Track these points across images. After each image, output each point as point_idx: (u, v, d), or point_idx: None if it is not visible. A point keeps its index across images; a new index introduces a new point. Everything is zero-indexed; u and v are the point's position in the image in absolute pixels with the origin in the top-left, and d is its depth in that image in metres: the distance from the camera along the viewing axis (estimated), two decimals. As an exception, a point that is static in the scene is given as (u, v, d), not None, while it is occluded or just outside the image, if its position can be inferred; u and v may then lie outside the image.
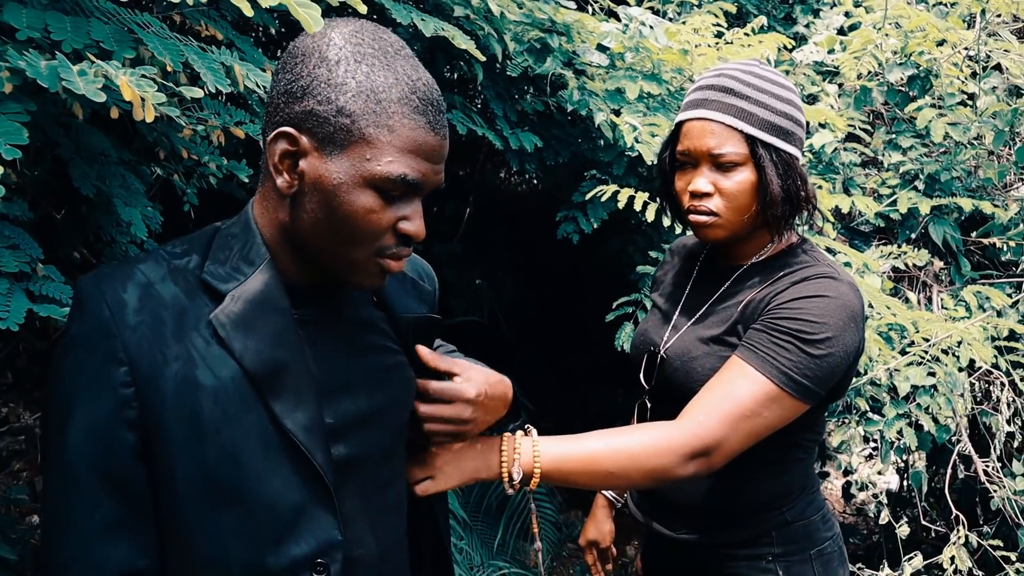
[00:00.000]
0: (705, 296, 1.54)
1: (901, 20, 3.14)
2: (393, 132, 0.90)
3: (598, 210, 2.81)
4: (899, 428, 2.61)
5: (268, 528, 0.95)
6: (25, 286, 1.26)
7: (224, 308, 0.94)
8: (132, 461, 0.92)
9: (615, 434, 1.32)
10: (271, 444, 0.95)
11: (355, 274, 0.98)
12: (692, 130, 1.43)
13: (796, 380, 1.33)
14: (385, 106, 0.90)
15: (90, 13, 1.24)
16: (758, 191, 1.41)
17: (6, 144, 1.06)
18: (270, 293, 0.96)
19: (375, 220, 0.93)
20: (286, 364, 0.96)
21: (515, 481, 1.23)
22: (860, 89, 3.19)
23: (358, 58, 0.90)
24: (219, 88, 1.20)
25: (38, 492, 2.97)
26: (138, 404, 0.91)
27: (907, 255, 2.91)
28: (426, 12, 2.33)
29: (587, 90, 2.66)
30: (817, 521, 1.53)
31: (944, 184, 3.06)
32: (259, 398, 0.94)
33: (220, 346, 0.93)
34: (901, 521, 3.02)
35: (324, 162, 0.91)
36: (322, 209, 0.92)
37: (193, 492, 0.93)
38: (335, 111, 0.89)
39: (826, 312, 1.34)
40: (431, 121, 0.93)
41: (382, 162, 0.90)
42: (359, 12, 1.45)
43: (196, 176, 2.02)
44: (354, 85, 0.89)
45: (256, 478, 0.94)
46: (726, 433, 1.30)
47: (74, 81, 1.08)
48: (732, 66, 1.45)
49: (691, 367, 1.46)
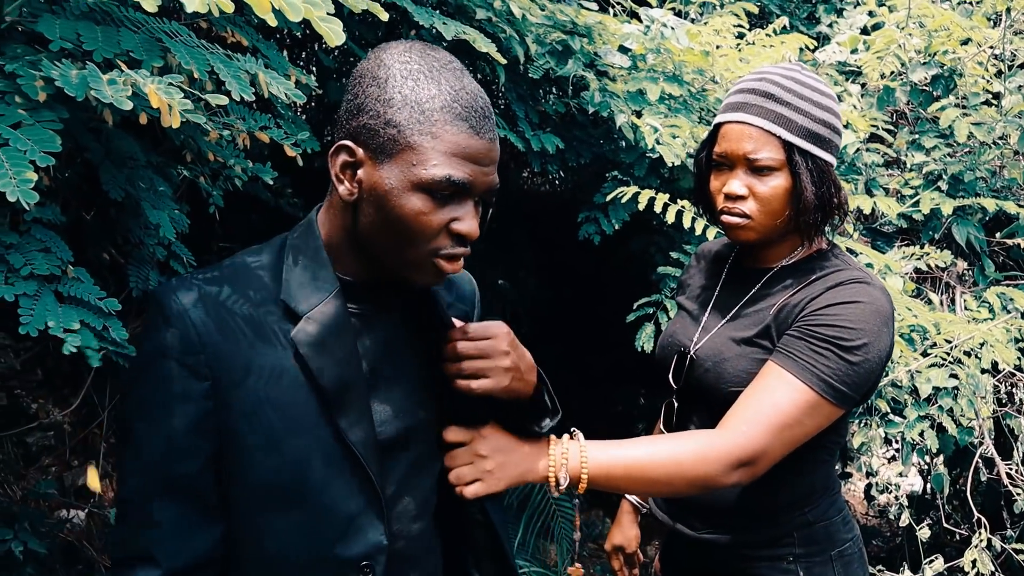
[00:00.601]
0: (735, 298, 1.55)
1: (925, 19, 3.12)
2: (437, 138, 0.98)
3: (619, 211, 2.82)
4: (921, 430, 2.60)
5: (325, 531, 1.04)
6: (54, 288, 1.29)
7: (303, 329, 1.03)
8: (207, 467, 1.02)
9: (660, 441, 1.34)
10: (334, 455, 1.04)
11: (413, 272, 1.05)
12: (730, 133, 1.44)
13: (835, 387, 1.34)
14: (429, 115, 0.98)
15: (120, 23, 1.27)
16: (792, 197, 1.42)
17: (40, 151, 1.09)
18: (340, 319, 1.05)
19: (426, 221, 1.00)
20: (353, 383, 1.05)
21: (562, 486, 1.24)
22: (883, 89, 3.17)
23: (404, 75, 0.99)
24: (243, 96, 1.23)
25: (67, 487, 3.04)
26: (216, 416, 1.01)
27: (930, 256, 2.90)
28: (448, 15, 2.35)
29: (608, 91, 2.67)
30: (838, 522, 1.54)
31: (968, 184, 3.03)
32: (327, 413, 1.03)
33: (298, 364, 1.02)
34: (923, 524, 3.00)
35: (377, 170, 0.99)
36: (379, 213, 1.01)
37: (260, 495, 1.03)
38: (384, 123, 0.98)
39: (862, 318, 1.35)
40: (474, 126, 0.99)
41: (428, 166, 0.98)
42: (380, 17, 1.47)
43: (222, 178, 2.06)
44: (400, 98, 0.98)
45: (318, 485, 1.03)
46: (769, 441, 1.32)
47: (102, 90, 1.11)
48: (774, 70, 1.46)
49: (722, 368, 1.47)
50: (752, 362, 1.44)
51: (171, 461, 1.00)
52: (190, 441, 1.01)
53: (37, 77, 1.15)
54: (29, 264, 1.22)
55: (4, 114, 1.12)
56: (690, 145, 2.62)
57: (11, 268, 1.21)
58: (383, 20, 1.49)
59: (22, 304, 1.21)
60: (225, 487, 1.03)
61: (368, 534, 1.06)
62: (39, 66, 1.15)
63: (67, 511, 2.92)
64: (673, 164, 2.55)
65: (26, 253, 1.24)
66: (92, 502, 3.02)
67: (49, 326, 1.22)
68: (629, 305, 2.83)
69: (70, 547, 2.82)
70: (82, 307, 1.29)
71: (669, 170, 2.79)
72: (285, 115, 1.90)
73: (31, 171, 1.06)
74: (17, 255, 1.22)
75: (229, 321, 1.02)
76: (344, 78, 3.22)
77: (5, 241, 1.23)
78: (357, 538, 1.06)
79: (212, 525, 1.04)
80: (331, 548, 1.05)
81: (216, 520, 1.04)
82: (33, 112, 1.15)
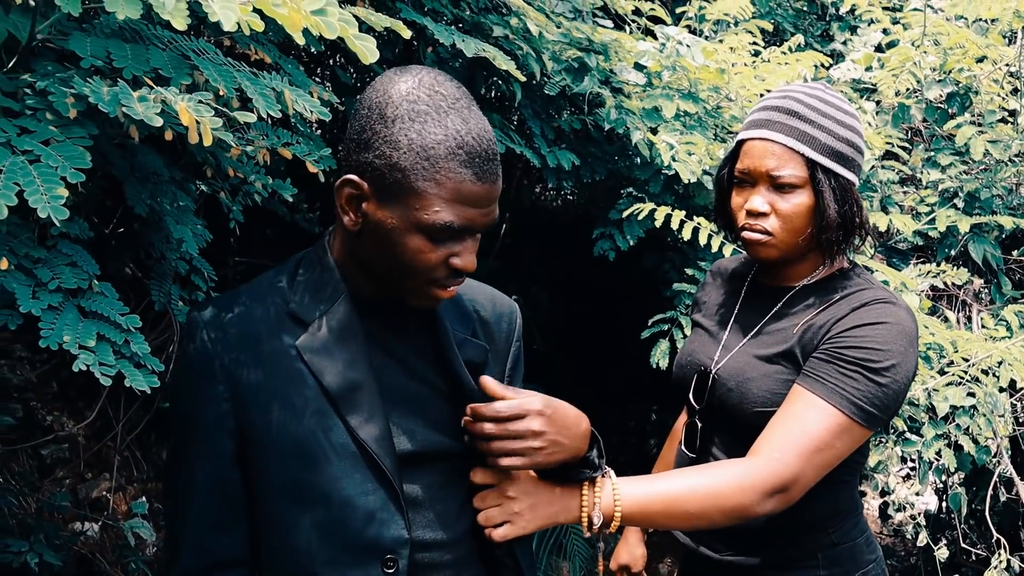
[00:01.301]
0: (756, 316, 1.54)
1: (940, 37, 3.13)
2: (440, 185, 1.01)
3: (634, 227, 2.83)
4: (938, 449, 2.58)
5: (347, 526, 1.08)
6: (78, 302, 1.30)
7: (308, 336, 1.10)
8: (231, 465, 1.10)
9: (693, 474, 1.33)
10: (348, 453, 1.08)
11: (409, 297, 1.11)
12: (753, 149, 1.44)
13: (865, 409, 1.34)
14: (433, 161, 1.00)
15: (149, 41, 1.28)
16: (814, 214, 1.42)
17: (71, 168, 1.10)
18: (346, 323, 1.11)
19: (425, 259, 1.05)
20: (360, 384, 1.10)
21: (595, 526, 1.21)
22: (898, 106, 3.17)
23: (412, 116, 1.01)
24: (270, 113, 1.24)
25: (80, 499, 3.04)
26: (235, 417, 1.09)
27: (946, 274, 2.88)
28: (465, 32, 2.37)
29: (624, 108, 2.68)
30: (861, 543, 1.53)
31: (984, 202, 3.03)
32: (337, 413, 1.08)
33: (305, 368, 1.09)
34: (940, 544, 2.98)
35: (381, 208, 1.04)
36: (380, 246, 1.06)
37: (282, 494, 1.08)
38: (389, 166, 1.01)
39: (889, 339, 1.35)
40: (477, 172, 1.02)
41: (430, 211, 1.01)
42: (403, 35, 1.49)
43: (241, 194, 2.07)
44: (406, 143, 1.00)
45: (336, 482, 1.08)
46: (802, 467, 1.31)
47: (133, 107, 1.13)
48: (798, 88, 1.46)
49: (746, 388, 1.46)
50: (777, 382, 1.43)
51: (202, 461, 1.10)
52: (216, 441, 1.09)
53: (68, 94, 1.17)
54: (57, 278, 1.24)
55: (35, 131, 1.14)
56: (706, 162, 2.63)
57: (39, 282, 1.22)
58: (404, 38, 1.50)
59: (44, 318, 1.22)
60: (251, 486, 1.11)
61: (390, 528, 1.09)
62: (70, 83, 1.16)
63: (81, 524, 2.92)
64: (689, 181, 2.55)
65: (53, 267, 1.25)
66: (105, 515, 3.02)
67: (65, 341, 1.22)
68: (642, 320, 2.82)
69: (84, 560, 2.82)
70: (103, 322, 1.30)
71: (684, 187, 2.79)
72: (304, 132, 1.92)
73: (62, 187, 1.08)
74: (45, 269, 1.24)
75: (243, 332, 1.10)
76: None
77: (33, 255, 1.24)
78: (379, 531, 1.09)
79: (240, 523, 1.12)
80: (354, 541, 1.09)
81: (243, 518, 1.12)
82: (64, 129, 1.17)
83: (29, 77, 1.20)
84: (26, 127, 1.14)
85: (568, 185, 3.01)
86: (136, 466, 3.27)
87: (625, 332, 3.55)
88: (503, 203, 4.44)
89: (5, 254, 1.18)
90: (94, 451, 3.19)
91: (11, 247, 1.21)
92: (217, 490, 1.10)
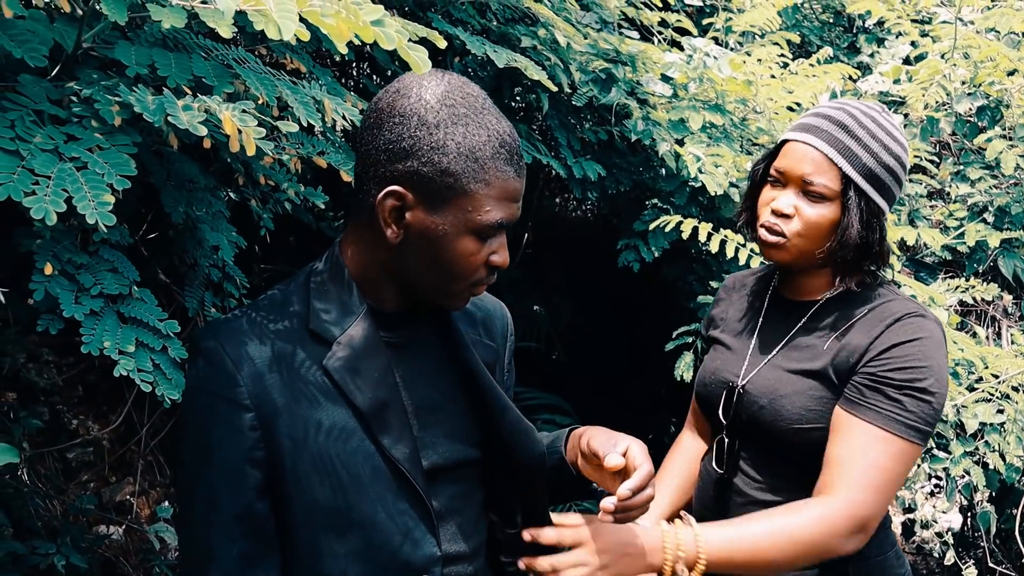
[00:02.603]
0: (781, 331, 1.53)
1: (970, 50, 3.11)
2: (490, 185, 1.02)
3: (659, 239, 2.82)
4: (966, 467, 2.55)
5: (381, 549, 1.06)
6: (117, 308, 1.32)
7: (334, 354, 1.05)
8: (260, 496, 1.04)
9: (774, 517, 1.34)
10: (381, 473, 1.06)
11: (448, 300, 1.10)
12: (794, 151, 1.44)
13: (921, 429, 1.36)
14: (482, 163, 1.01)
15: (191, 50, 1.30)
16: (836, 230, 1.42)
17: (117, 175, 1.12)
18: (371, 340, 1.08)
19: (474, 260, 1.05)
20: (388, 401, 1.07)
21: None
22: (927, 119, 3.16)
23: (454, 120, 1.01)
24: (311, 122, 1.25)
25: (104, 503, 3.06)
26: (264, 445, 1.03)
27: (975, 289, 2.86)
28: (493, 42, 2.38)
29: (651, 120, 2.68)
30: (891, 557, 1.51)
31: (1015, 217, 3.00)
32: (369, 433, 1.06)
33: (334, 388, 1.05)
34: (968, 562, 2.94)
35: (430, 215, 1.02)
36: (428, 254, 1.04)
37: (314, 519, 1.04)
38: (439, 172, 1.00)
39: (926, 354, 1.36)
40: (516, 168, 1.05)
41: (482, 212, 1.02)
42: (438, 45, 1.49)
43: (272, 201, 2.09)
44: (454, 147, 1.00)
45: (370, 504, 1.05)
46: (879, 501, 1.33)
47: (178, 115, 1.14)
48: (856, 104, 1.46)
49: (779, 405, 1.45)
50: (811, 399, 1.43)
51: (227, 494, 1.02)
52: (243, 472, 1.02)
53: (113, 102, 1.18)
54: (99, 283, 1.25)
55: (82, 138, 1.15)
56: (732, 175, 2.62)
57: (81, 287, 1.23)
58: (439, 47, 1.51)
59: (85, 323, 1.23)
60: (281, 515, 1.05)
61: (423, 546, 1.08)
62: (115, 91, 1.18)
63: (106, 527, 2.94)
64: (716, 193, 2.54)
65: (95, 273, 1.26)
66: (129, 518, 3.04)
67: (105, 347, 1.24)
68: (662, 332, 2.81)
69: (108, 563, 2.84)
70: (141, 327, 1.31)
71: (709, 199, 2.78)
72: (332, 137, 1.93)
73: (108, 194, 1.09)
74: (87, 275, 1.25)
75: (264, 353, 1.04)
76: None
77: (76, 261, 1.25)
78: (413, 551, 1.08)
79: (270, 556, 1.05)
80: (389, 563, 1.07)
81: (274, 550, 1.06)
82: (108, 136, 1.18)
83: (75, 85, 1.22)
84: (73, 134, 1.16)
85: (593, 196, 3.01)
86: (159, 470, 3.29)
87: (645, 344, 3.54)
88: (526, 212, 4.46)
89: (49, 259, 1.19)
90: (118, 455, 3.21)
91: (55, 252, 1.22)
92: (245, 523, 1.03)
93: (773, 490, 1.48)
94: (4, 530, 2.29)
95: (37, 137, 1.13)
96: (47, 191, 1.07)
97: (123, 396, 3.09)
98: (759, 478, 1.50)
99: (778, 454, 1.48)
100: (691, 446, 1.78)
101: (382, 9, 1.01)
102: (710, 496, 1.57)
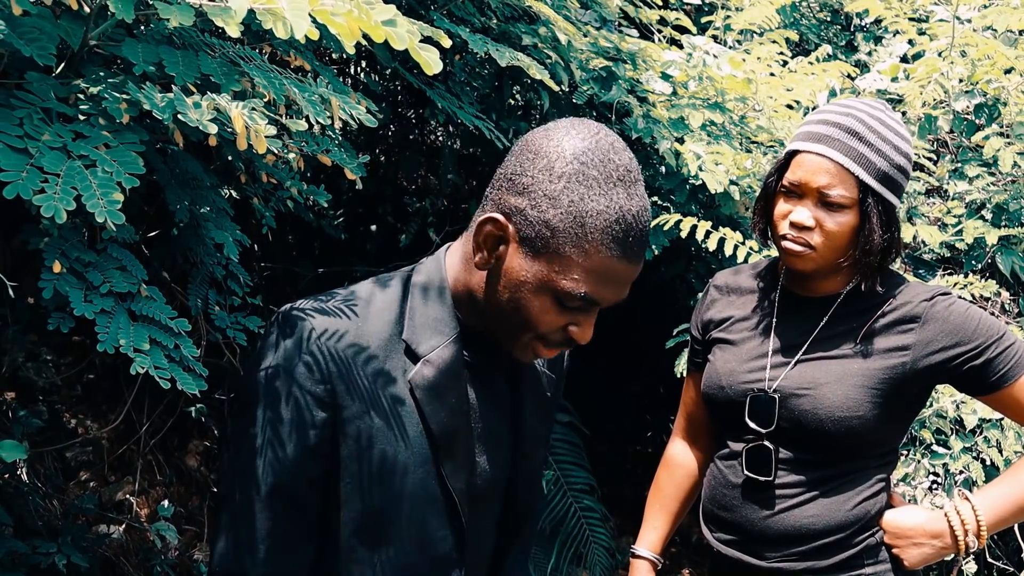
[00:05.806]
0: (803, 327, 1.52)
1: (968, 48, 3.12)
2: (587, 255, 0.96)
3: (660, 237, 2.82)
4: (966, 462, 2.56)
5: (414, 569, 1.06)
6: (127, 306, 1.32)
7: (420, 371, 1.04)
8: (314, 489, 1.03)
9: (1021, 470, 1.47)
10: (434, 498, 1.06)
11: (512, 347, 1.06)
12: (807, 163, 1.43)
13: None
14: (588, 231, 0.95)
15: (198, 48, 1.30)
16: (858, 236, 1.43)
17: (125, 173, 1.11)
18: (457, 364, 1.06)
19: (547, 321, 1.01)
20: (459, 429, 1.07)
21: (972, 549, 1.42)
22: (925, 117, 3.17)
23: (580, 179, 0.95)
24: (319, 120, 1.25)
25: (103, 502, 3.06)
26: (333, 444, 1.01)
27: (973, 286, 2.87)
28: (494, 40, 2.38)
29: (652, 118, 2.69)
30: None
31: (1012, 214, 3.02)
32: (434, 458, 1.05)
33: (413, 405, 1.04)
34: (967, 558, 2.95)
35: (519, 256, 0.99)
36: (504, 292, 1.01)
37: (357, 525, 1.04)
38: (543, 221, 0.96)
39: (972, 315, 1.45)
40: (627, 251, 0.98)
41: (568, 278, 0.97)
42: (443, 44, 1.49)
43: (274, 199, 2.09)
44: (566, 203, 0.95)
45: (415, 526, 1.05)
46: None
47: (188, 113, 1.14)
48: (860, 106, 1.45)
49: (820, 394, 1.45)
50: (851, 387, 1.44)
51: (283, 480, 1.01)
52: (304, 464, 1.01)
53: (120, 100, 1.18)
54: (108, 282, 1.25)
55: (90, 136, 1.15)
56: (732, 172, 2.63)
57: (90, 286, 1.23)
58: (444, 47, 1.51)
59: (99, 322, 1.23)
60: (328, 511, 1.05)
61: (452, 570, 1.09)
62: (124, 89, 1.18)
63: (107, 526, 2.94)
64: (716, 191, 2.55)
65: (104, 271, 1.26)
66: (129, 517, 3.04)
67: (121, 344, 1.24)
68: (659, 329, 2.81)
69: (108, 562, 2.83)
70: (153, 326, 1.31)
71: (709, 196, 2.79)
72: (334, 136, 1.93)
73: (118, 192, 1.09)
74: (96, 273, 1.25)
75: (357, 354, 1.02)
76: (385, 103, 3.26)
77: (84, 259, 1.25)
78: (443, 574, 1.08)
79: (310, 544, 1.05)
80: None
81: (313, 540, 1.05)
82: (116, 134, 1.18)
83: (82, 83, 1.21)
84: (81, 132, 1.16)
85: (593, 194, 3.00)
86: (159, 469, 3.29)
87: (643, 341, 3.54)
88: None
89: (58, 257, 1.19)
90: (118, 454, 3.21)
91: (63, 250, 1.22)
92: (297, 512, 1.03)
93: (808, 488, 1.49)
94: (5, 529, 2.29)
95: (45, 135, 1.13)
96: (56, 189, 1.07)
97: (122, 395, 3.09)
98: (792, 479, 1.50)
99: (813, 451, 1.48)
100: (683, 462, 1.78)
101: (394, 9, 1.01)
102: (733, 500, 1.56)
